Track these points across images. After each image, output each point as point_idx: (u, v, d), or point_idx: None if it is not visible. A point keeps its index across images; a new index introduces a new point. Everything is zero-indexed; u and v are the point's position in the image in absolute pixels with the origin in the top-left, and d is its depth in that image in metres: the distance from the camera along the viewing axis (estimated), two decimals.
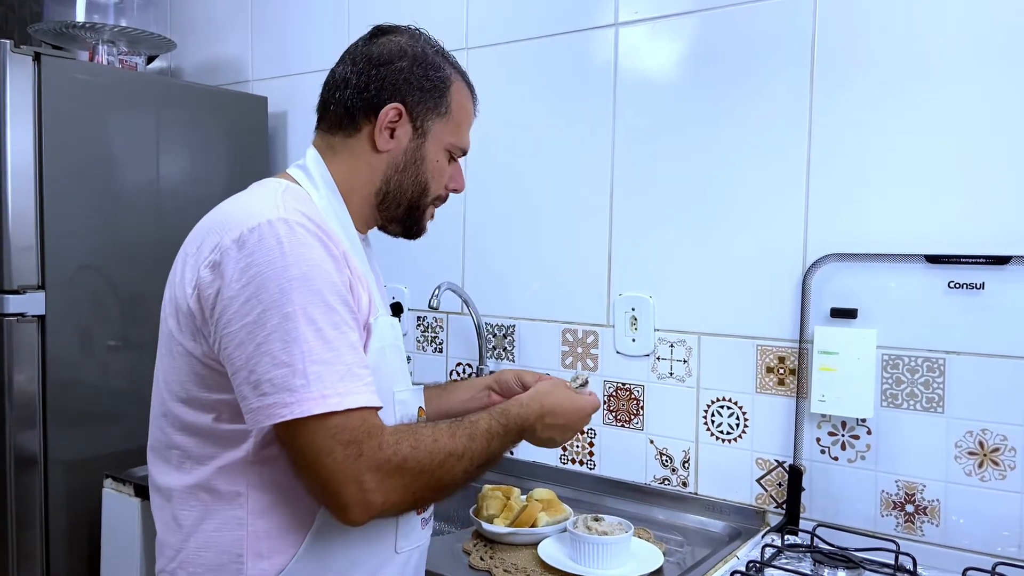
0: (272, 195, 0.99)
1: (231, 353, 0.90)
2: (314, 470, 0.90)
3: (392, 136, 1.09)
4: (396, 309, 1.21)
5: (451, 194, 1.19)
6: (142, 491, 1.69)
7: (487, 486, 1.56)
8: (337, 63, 1.14)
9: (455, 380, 1.94)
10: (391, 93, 1.08)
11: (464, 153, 1.18)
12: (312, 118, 1.17)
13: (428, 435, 0.96)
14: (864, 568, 1.29)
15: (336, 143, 1.11)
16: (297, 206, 0.98)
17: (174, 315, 0.98)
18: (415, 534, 1.10)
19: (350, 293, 0.96)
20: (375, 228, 1.18)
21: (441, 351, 1.99)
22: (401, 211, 1.13)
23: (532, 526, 1.43)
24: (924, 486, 1.39)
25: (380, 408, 0.94)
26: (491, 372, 1.87)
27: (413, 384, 1.13)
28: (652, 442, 1.69)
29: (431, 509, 1.14)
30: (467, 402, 1.31)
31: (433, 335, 2.00)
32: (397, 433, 0.94)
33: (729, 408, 1.59)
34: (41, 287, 1.75)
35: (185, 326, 0.96)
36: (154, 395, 1.05)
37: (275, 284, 0.89)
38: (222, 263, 0.91)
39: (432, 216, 1.18)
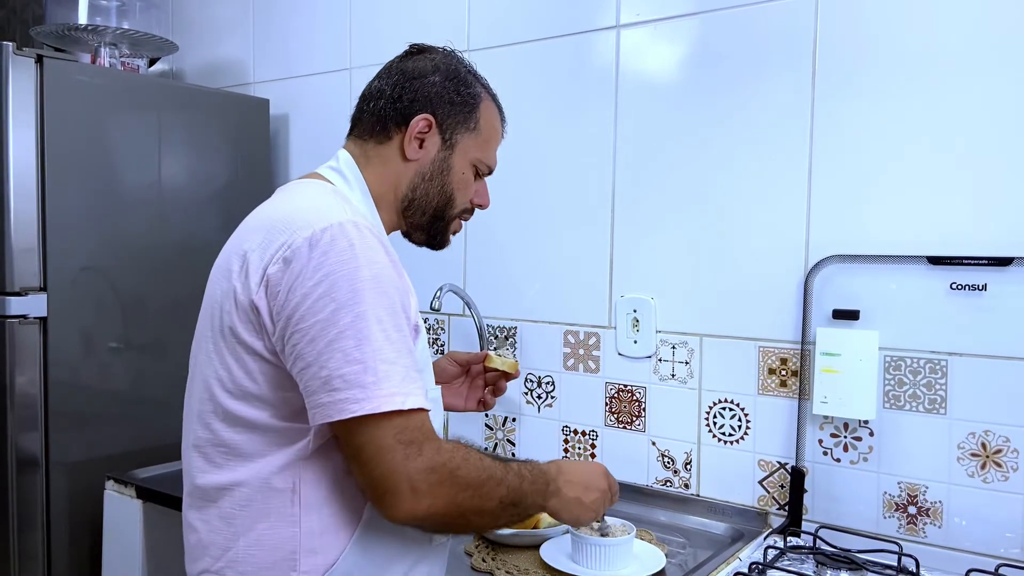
0: (331, 197, 1.03)
1: (302, 349, 0.92)
2: (372, 466, 0.91)
3: (421, 146, 1.12)
4: None
5: (476, 210, 1.22)
6: (144, 493, 1.69)
7: None
8: (374, 77, 1.17)
9: None
10: (422, 105, 1.12)
11: (490, 171, 1.21)
12: (313, 120, 1.18)
13: (475, 454, 0.98)
14: (866, 570, 1.29)
15: (368, 149, 1.14)
16: (355, 208, 1.03)
17: (232, 311, 0.98)
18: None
19: (407, 298, 1.00)
20: (398, 235, 1.20)
21: (443, 353, 1.99)
22: (426, 219, 1.15)
23: (534, 528, 1.43)
24: (927, 488, 1.39)
25: (430, 411, 0.96)
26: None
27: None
28: (654, 444, 1.69)
29: None
30: None
31: (435, 337, 2.00)
32: (449, 443, 0.97)
33: (731, 410, 1.59)
34: (43, 289, 1.75)
35: (247, 321, 0.96)
36: (192, 394, 1.05)
37: (348, 284, 0.91)
38: (293, 261, 0.93)
39: (458, 230, 1.21)
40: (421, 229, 1.17)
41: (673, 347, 1.66)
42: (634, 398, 1.71)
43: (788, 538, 1.42)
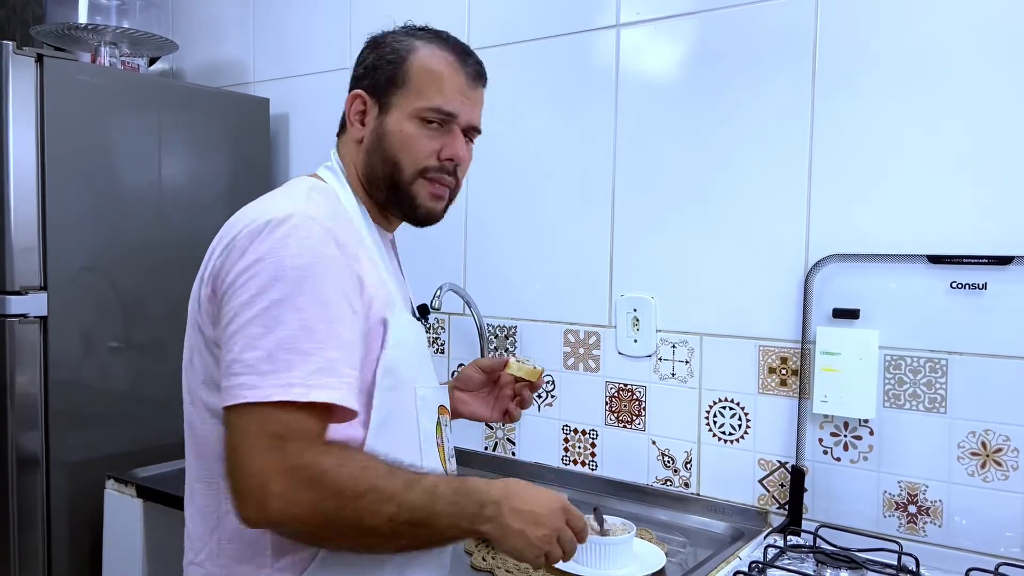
0: (297, 192, 1.02)
1: (223, 332, 0.92)
2: (231, 459, 0.87)
3: (364, 124, 1.10)
4: (423, 311, 1.20)
5: (452, 166, 1.09)
6: (144, 492, 1.69)
7: None
8: None
9: None
10: (355, 85, 1.11)
11: (448, 114, 1.07)
12: (313, 119, 1.18)
13: (360, 462, 0.90)
14: (867, 569, 1.29)
15: (340, 144, 1.15)
16: (321, 202, 1.00)
17: (196, 305, 1.00)
18: None
19: (358, 293, 0.96)
20: (399, 222, 1.17)
21: (443, 352, 1.99)
22: (384, 194, 1.09)
23: None
24: (927, 487, 1.39)
25: (354, 411, 0.92)
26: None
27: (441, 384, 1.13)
28: (654, 443, 1.69)
29: None
30: None
31: (435, 336, 2.00)
32: (332, 447, 0.90)
33: (731, 409, 1.59)
34: (43, 288, 1.75)
35: (205, 314, 0.98)
36: (183, 386, 1.06)
37: (271, 271, 0.90)
38: (234, 250, 0.93)
39: (437, 193, 1.09)
40: (392, 205, 1.10)
41: (673, 346, 1.66)
42: (634, 397, 1.71)
43: (788, 537, 1.42)
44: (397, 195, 1.09)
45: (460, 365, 1.95)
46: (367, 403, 0.97)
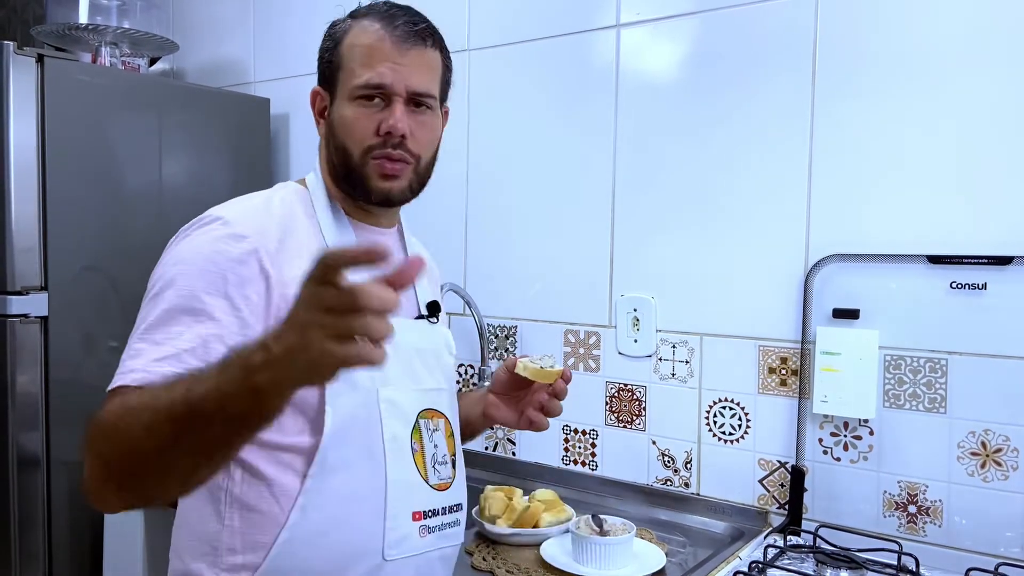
0: (249, 198, 1.04)
1: None
2: None
3: (324, 118, 1.10)
4: (432, 308, 1.16)
5: (401, 141, 1.03)
6: None
7: (489, 487, 1.56)
8: None
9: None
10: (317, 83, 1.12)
11: (377, 87, 1.02)
12: (314, 120, 1.17)
13: (119, 399, 0.85)
14: (867, 569, 1.29)
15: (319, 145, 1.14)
16: (246, 205, 1.01)
17: None
18: (410, 541, 1.03)
19: (254, 286, 0.94)
20: (392, 215, 1.14)
21: None
22: (344, 182, 1.06)
23: (534, 527, 1.43)
24: (926, 487, 1.39)
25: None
26: (492, 373, 1.88)
27: (429, 388, 1.09)
28: (654, 443, 1.69)
29: (448, 515, 1.08)
30: (469, 408, 1.24)
31: None
32: (110, 405, 0.85)
33: (731, 409, 1.59)
34: (44, 288, 1.75)
35: None
36: None
37: (159, 268, 0.96)
38: None
39: (383, 175, 1.03)
40: (354, 192, 1.06)
41: (673, 346, 1.66)
42: (634, 397, 1.71)
43: (788, 537, 1.42)
44: (352, 180, 1.05)
45: (460, 365, 1.95)
46: (319, 408, 0.97)
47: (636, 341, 1.70)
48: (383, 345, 0.67)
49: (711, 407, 1.61)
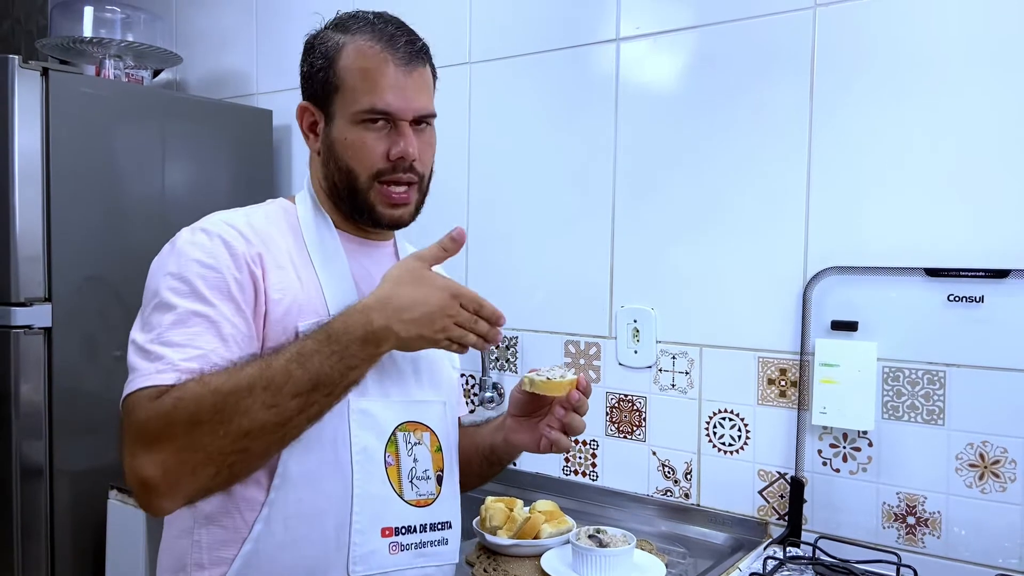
0: (236, 210, 1.07)
1: None
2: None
3: (316, 136, 1.08)
4: None
5: (415, 166, 1.05)
6: None
7: (490, 498, 1.56)
8: None
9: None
10: (302, 94, 1.10)
11: (386, 113, 1.02)
12: None
13: (196, 383, 0.87)
14: None
15: (310, 155, 1.14)
16: (233, 218, 1.03)
17: None
18: (377, 558, 1.00)
19: (249, 290, 0.98)
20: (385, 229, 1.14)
21: None
22: (347, 203, 1.07)
23: (535, 538, 1.43)
24: (925, 498, 1.40)
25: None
26: (494, 383, 1.89)
27: (416, 399, 1.08)
28: (654, 453, 1.69)
29: (430, 533, 1.05)
30: (492, 434, 1.19)
31: None
32: (167, 392, 0.88)
33: (731, 420, 1.60)
34: (47, 299, 1.76)
35: None
36: None
37: (153, 278, 1.00)
38: None
39: (395, 198, 1.05)
40: (355, 214, 1.07)
41: (673, 357, 1.67)
42: (634, 408, 1.72)
43: (788, 548, 1.42)
44: (356, 203, 1.06)
45: (460, 375, 1.95)
46: None
47: (636, 352, 1.71)
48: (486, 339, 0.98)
49: (711, 418, 1.62)
